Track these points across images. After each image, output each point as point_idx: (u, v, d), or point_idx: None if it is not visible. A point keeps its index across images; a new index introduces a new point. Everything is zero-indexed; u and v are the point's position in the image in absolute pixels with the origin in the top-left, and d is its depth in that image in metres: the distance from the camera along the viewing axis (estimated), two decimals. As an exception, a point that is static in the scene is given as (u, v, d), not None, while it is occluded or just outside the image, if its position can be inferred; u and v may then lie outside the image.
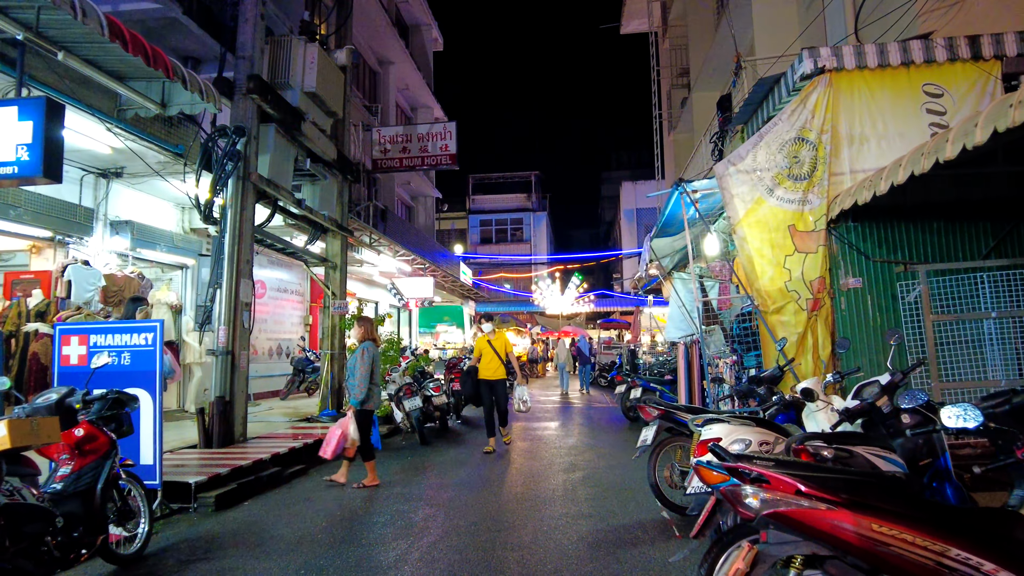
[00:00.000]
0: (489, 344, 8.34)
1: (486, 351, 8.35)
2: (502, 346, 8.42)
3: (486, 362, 8.31)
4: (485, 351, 8.36)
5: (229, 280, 7.76)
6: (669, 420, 4.95)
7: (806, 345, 5.84)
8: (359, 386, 6.19)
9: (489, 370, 8.28)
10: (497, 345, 8.36)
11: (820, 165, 5.98)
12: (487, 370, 8.28)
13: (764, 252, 5.99)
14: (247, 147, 7.98)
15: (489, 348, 8.32)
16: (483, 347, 8.41)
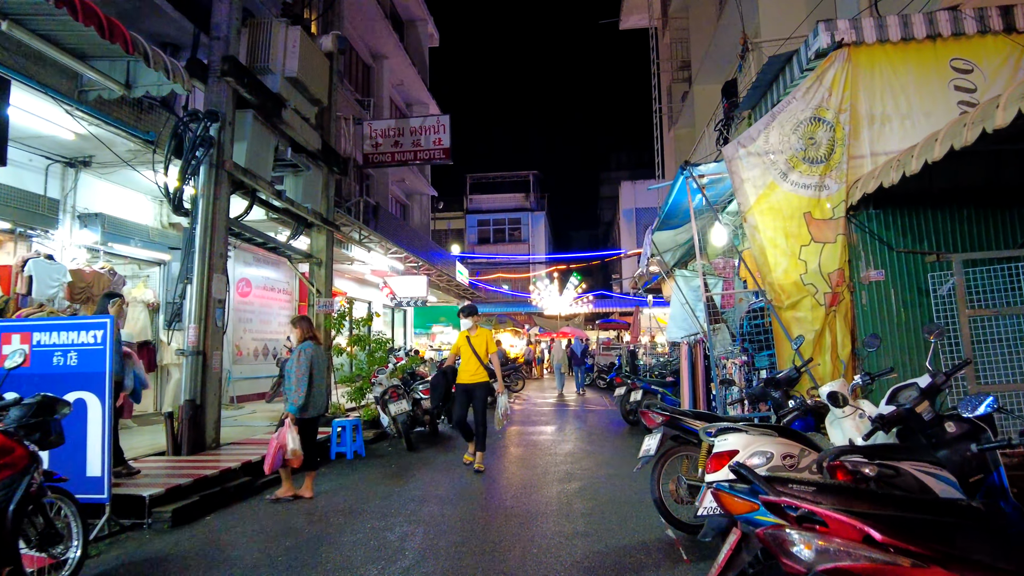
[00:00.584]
0: (468, 342, 7.09)
1: (464, 350, 7.13)
2: (483, 345, 7.07)
3: (463, 363, 7.14)
4: (463, 350, 7.16)
5: (201, 275, 7.24)
6: (675, 427, 4.43)
7: (824, 344, 5.33)
8: (296, 391, 5.61)
9: (466, 372, 7.08)
10: (477, 344, 7.05)
11: (838, 147, 5.47)
12: (463, 372, 7.11)
13: (778, 242, 5.48)
14: (221, 133, 7.47)
15: (468, 347, 7.07)
16: (461, 345, 7.19)
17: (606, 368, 19.40)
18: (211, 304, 7.33)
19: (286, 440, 5.46)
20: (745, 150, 5.59)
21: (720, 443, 3.24)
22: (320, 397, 5.94)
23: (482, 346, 7.06)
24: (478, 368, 7.03)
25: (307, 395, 5.67)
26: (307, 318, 6.20)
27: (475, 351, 7.01)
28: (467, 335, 7.16)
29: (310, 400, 5.74)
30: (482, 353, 7.03)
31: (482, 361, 7.01)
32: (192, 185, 7.29)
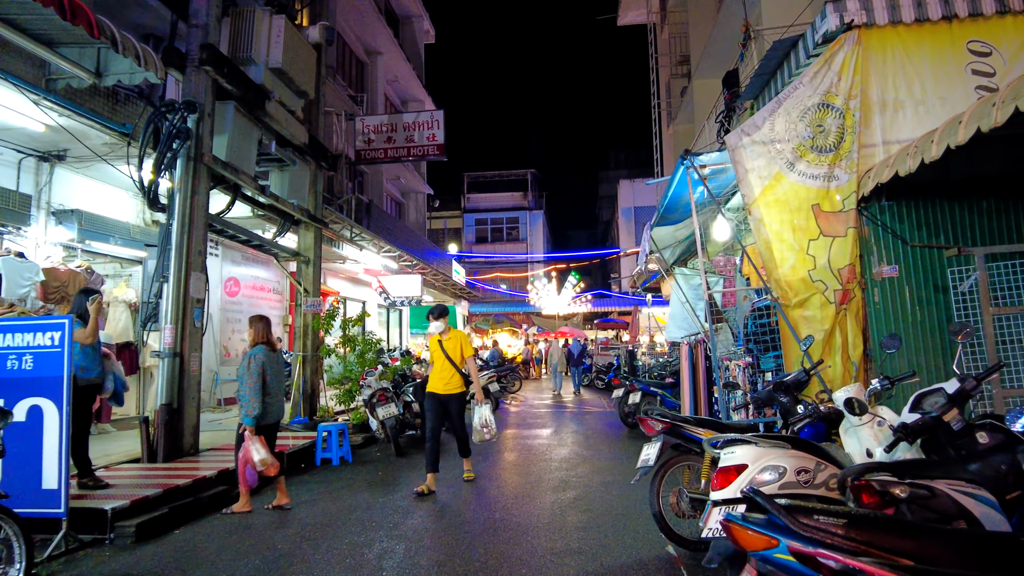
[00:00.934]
0: (440, 347, 6.30)
1: (436, 356, 6.35)
2: (457, 349, 6.27)
3: (435, 370, 6.34)
4: (435, 356, 6.37)
5: (178, 273, 6.90)
6: (676, 435, 4.10)
7: (833, 344, 5.00)
8: (250, 401, 5.21)
9: (439, 381, 6.25)
10: (451, 348, 6.25)
11: (848, 135, 5.15)
12: (436, 381, 6.27)
13: (784, 236, 5.15)
14: (200, 125, 7.13)
15: (440, 352, 6.28)
16: (433, 351, 6.43)
17: (604, 368, 19.07)
18: (189, 304, 6.99)
19: (250, 455, 5.08)
20: (749, 138, 5.26)
21: (727, 456, 2.91)
22: (276, 404, 5.56)
23: (456, 350, 6.27)
24: (452, 375, 6.24)
25: (262, 404, 5.29)
26: (265, 319, 5.77)
27: (448, 356, 6.22)
28: (438, 339, 6.35)
29: (266, 408, 5.37)
30: (457, 358, 6.24)
31: (457, 367, 6.23)
32: (168, 179, 6.96)
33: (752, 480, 2.78)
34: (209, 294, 11.70)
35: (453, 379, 6.26)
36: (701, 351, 7.70)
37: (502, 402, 14.35)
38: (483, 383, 13.38)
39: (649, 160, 22.24)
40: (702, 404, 7.55)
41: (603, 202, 49.21)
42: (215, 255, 12.23)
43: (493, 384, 13.35)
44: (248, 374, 5.25)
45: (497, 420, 11.85)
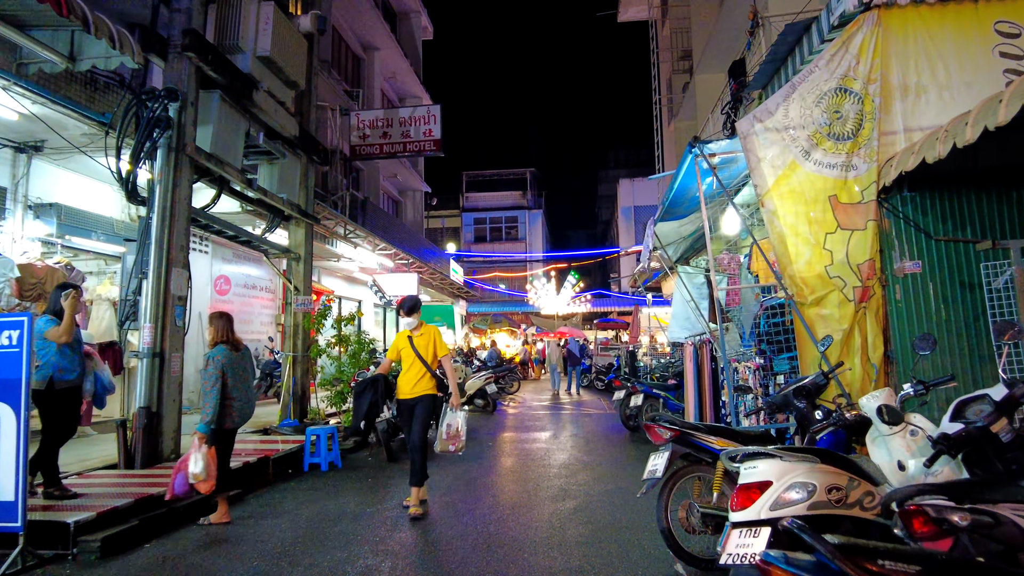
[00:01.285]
0: (410, 344, 5.47)
1: (405, 354, 5.51)
2: (429, 347, 5.48)
3: (404, 371, 5.52)
4: (404, 354, 5.53)
5: (158, 269, 6.57)
6: (686, 444, 3.78)
7: (852, 345, 4.67)
8: (205, 405, 4.88)
9: (407, 383, 5.45)
10: (421, 346, 5.46)
11: (867, 122, 4.82)
12: (404, 383, 5.49)
13: (799, 229, 4.82)
14: (182, 114, 6.80)
15: (410, 350, 5.46)
16: (402, 347, 5.55)
17: (604, 369, 18.74)
18: (170, 301, 6.66)
19: (188, 463, 4.69)
20: (762, 125, 4.94)
21: (748, 472, 2.58)
22: (244, 406, 5.20)
23: (428, 348, 5.48)
24: (422, 376, 5.43)
25: (222, 407, 4.95)
26: (226, 315, 5.40)
27: (419, 355, 5.44)
28: (408, 335, 5.56)
29: (228, 411, 5.04)
30: (429, 356, 5.45)
31: (428, 367, 5.44)
32: (148, 170, 6.62)
33: (778, 499, 2.45)
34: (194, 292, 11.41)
35: (422, 381, 5.44)
36: (707, 352, 7.37)
37: (500, 403, 14.03)
38: (479, 384, 13.12)
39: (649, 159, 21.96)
40: (708, 408, 7.22)
41: (602, 201, 48.89)
42: (204, 252, 11.90)
43: (490, 385, 13.04)
44: (206, 376, 4.92)
45: (495, 422, 11.58)
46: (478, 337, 29.33)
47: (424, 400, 5.44)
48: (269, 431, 8.83)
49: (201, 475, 4.64)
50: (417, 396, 5.43)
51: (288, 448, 7.52)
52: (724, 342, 5.07)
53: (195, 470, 4.63)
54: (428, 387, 5.47)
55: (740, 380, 5.46)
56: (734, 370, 6.01)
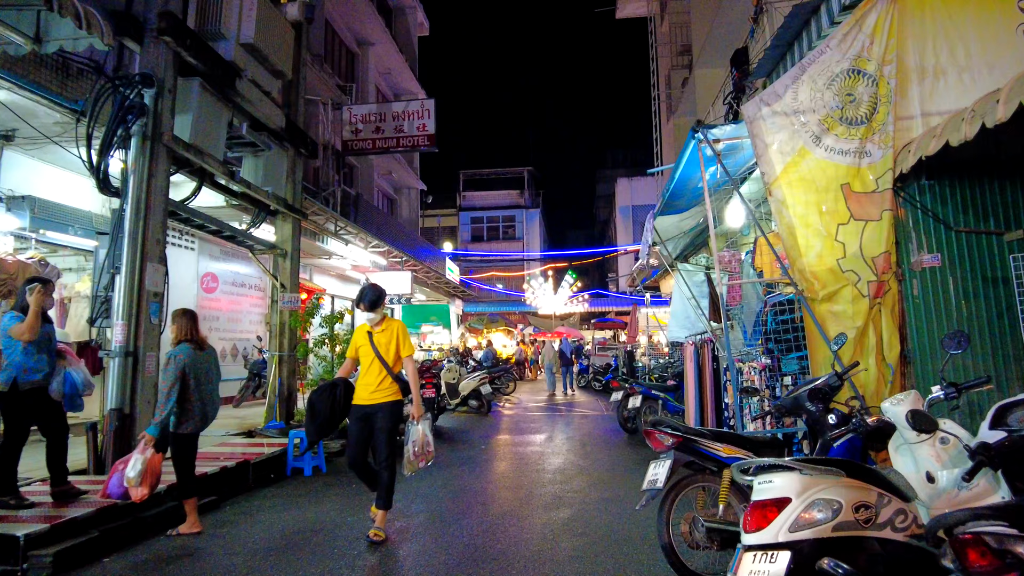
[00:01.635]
0: (370, 341, 4.69)
1: (364, 353, 4.74)
2: (391, 345, 4.68)
3: (361, 374, 4.75)
4: (362, 352, 4.75)
5: (131, 263, 6.23)
6: (689, 451, 3.46)
7: (866, 344, 4.36)
8: (160, 405, 4.58)
9: (364, 387, 4.64)
10: (382, 342, 4.67)
11: (882, 105, 4.51)
12: (361, 387, 4.67)
13: (810, 220, 4.51)
14: (159, 101, 6.46)
15: (368, 348, 4.69)
16: (360, 345, 4.78)
17: (602, 369, 18.42)
18: (144, 298, 6.32)
19: (127, 467, 4.41)
20: (769, 109, 4.62)
21: (764, 487, 2.26)
22: (206, 409, 4.89)
23: (390, 346, 4.67)
24: (383, 380, 4.62)
25: (180, 408, 4.67)
26: (190, 313, 5.12)
27: (379, 354, 4.62)
28: (368, 331, 4.76)
29: (188, 414, 4.73)
30: (390, 357, 4.65)
31: (390, 369, 4.63)
32: (122, 159, 6.29)
33: (798, 519, 2.14)
34: (180, 290, 11.08)
35: (383, 384, 4.63)
36: (708, 352, 7.06)
37: (495, 404, 13.70)
38: (474, 385, 12.77)
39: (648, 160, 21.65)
40: (709, 410, 6.91)
41: (601, 201, 48.60)
42: (191, 249, 11.57)
43: (485, 386, 12.71)
44: (164, 375, 4.63)
45: (489, 424, 11.25)
46: (474, 337, 29.00)
47: (386, 409, 4.60)
48: (254, 433, 8.51)
49: (135, 480, 4.34)
50: (377, 403, 4.59)
51: (271, 452, 7.19)
52: (729, 341, 4.75)
53: (131, 474, 4.35)
54: (390, 393, 4.64)
55: (746, 381, 5.14)
56: (738, 370, 5.70)
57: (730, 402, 5.91)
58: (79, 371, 5.35)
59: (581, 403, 14.88)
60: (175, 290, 11.05)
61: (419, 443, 4.72)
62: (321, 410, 4.55)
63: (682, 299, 9.99)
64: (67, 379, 5.21)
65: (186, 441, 4.77)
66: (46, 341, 4.99)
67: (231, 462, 6.40)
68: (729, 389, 5.87)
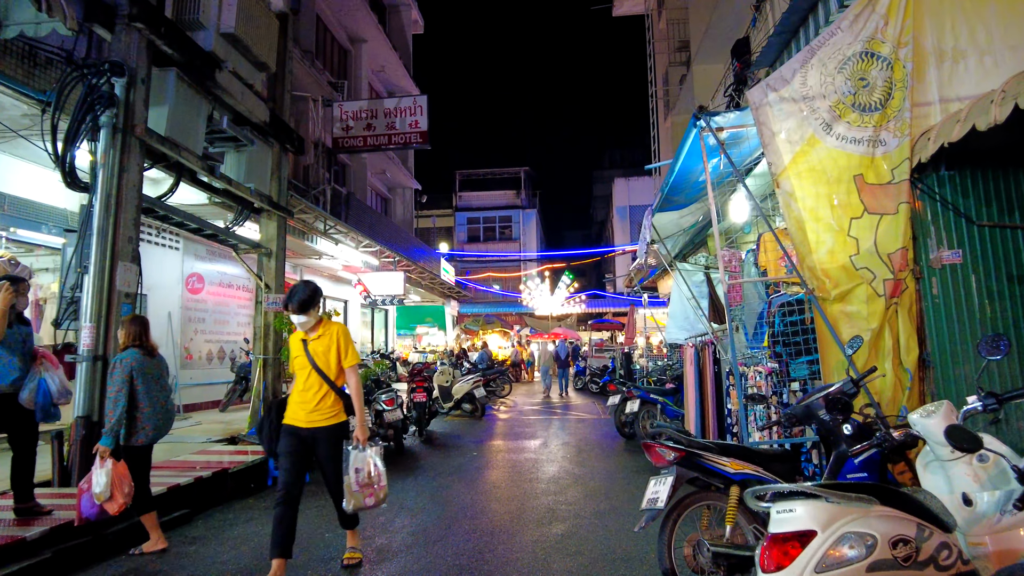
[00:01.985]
0: (304, 350, 3.95)
1: (299, 365, 4.01)
2: (329, 353, 3.94)
3: (296, 389, 4.01)
4: (297, 365, 4.03)
5: (100, 262, 5.88)
6: (693, 467, 3.14)
7: (882, 347, 4.05)
8: (109, 413, 4.29)
9: (300, 406, 3.91)
10: (319, 352, 3.92)
11: (897, 90, 4.20)
12: (295, 406, 3.94)
13: (820, 214, 4.20)
14: (131, 91, 6.12)
15: (304, 359, 3.94)
16: (294, 356, 4.06)
17: (599, 371, 18.10)
18: (115, 299, 5.97)
19: (91, 482, 4.12)
20: (776, 94, 4.31)
21: (783, 517, 1.94)
22: (159, 418, 4.58)
23: (329, 354, 3.93)
24: (322, 396, 3.89)
25: (130, 418, 4.38)
26: (141, 319, 4.80)
27: (317, 366, 3.89)
28: (302, 338, 4.00)
29: (138, 425, 4.43)
30: (331, 368, 3.92)
31: (332, 383, 3.91)
32: (91, 152, 5.96)
33: (826, 556, 1.82)
34: (164, 290, 10.73)
35: (324, 403, 3.89)
36: (709, 354, 6.74)
37: (489, 408, 13.37)
38: (467, 388, 12.43)
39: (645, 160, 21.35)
40: (710, 416, 6.60)
41: (597, 202, 48.33)
42: (175, 249, 11.24)
43: (479, 389, 12.39)
44: (111, 382, 4.34)
45: (482, 428, 10.91)
46: (471, 339, 28.67)
47: (329, 433, 3.91)
48: (237, 440, 8.17)
49: (104, 494, 4.05)
50: (317, 427, 3.87)
51: (251, 460, 6.86)
52: (733, 344, 4.43)
53: (97, 489, 4.06)
54: (332, 414, 3.91)
55: (752, 387, 4.82)
56: (742, 375, 5.38)
57: (733, 408, 5.59)
58: (55, 377, 4.94)
59: (577, 406, 14.56)
60: (159, 291, 10.76)
61: (364, 471, 3.94)
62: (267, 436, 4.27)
63: (681, 299, 9.68)
64: (40, 386, 4.83)
65: (138, 454, 4.45)
66: (18, 343, 4.67)
67: (207, 472, 6.06)
68: (732, 394, 5.56)
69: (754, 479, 3.15)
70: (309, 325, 3.95)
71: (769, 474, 3.15)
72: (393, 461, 7.78)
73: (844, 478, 3.24)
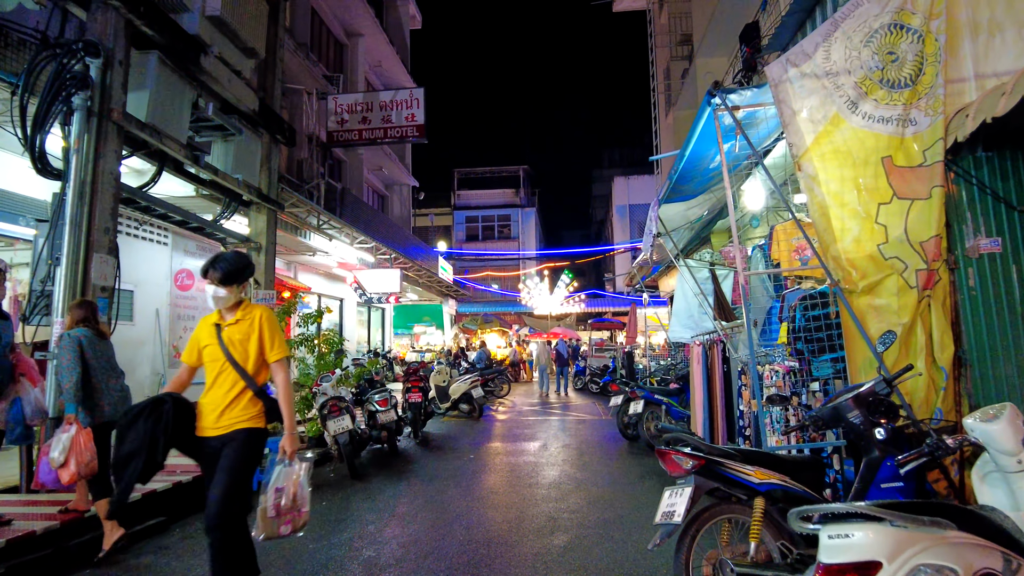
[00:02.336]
0: (217, 337, 3.20)
1: (209, 355, 3.22)
2: (248, 343, 3.20)
3: (207, 387, 3.21)
4: (208, 356, 3.22)
5: (74, 254, 5.55)
6: (713, 476, 2.80)
7: (913, 343, 3.71)
8: (66, 386, 4.14)
9: (211, 409, 3.15)
10: (236, 340, 3.19)
11: (929, 65, 3.87)
12: (207, 410, 3.17)
13: (846, 199, 3.87)
14: (107, 73, 5.79)
15: (217, 348, 3.18)
16: (204, 344, 3.25)
17: (599, 371, 17.76)
18: (89, 292, 5.63)
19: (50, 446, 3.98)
20: (797, 70, 3.98)
21: (837, 544, 1.61)
22: (114, 395, 4.44)
23: (249, 345, 3.19)
24: (236, 397, 3.13)
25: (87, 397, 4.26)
26: (87, 303, 4.68)
27: (232, 359, 3.14)
28: (216, 322, 3.26)
29: (93, 402, 4.30)
30: (250, 361, 3.17)
31: (250, 380, 3.15)
32: (56, 131, 5.62)
33: (894, 594, 1.48)
34: (152, 287, 10.36)
35: (238, 405, 3.12)
36: (717, 353, 6.41)
37: (487, 408, 13.03)
38: (465, 388, 12.08)
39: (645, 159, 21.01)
40: (719, 417, 6.27)
41: (597, 201, 48.01)
42: (163, 244, 10.87)
43: (477, 389, 12.04)
44: (62, 352, 4.22)
45: (480, 430, 10.57)
46: (470, 338, 28.33)
47: (239, 440, 3.08)
48: (223, 442, 7.81)
49: (58, 460, 3.87)
50: (225, 432, 3.08)
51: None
52: (752, 342, 4.09)
53: (54, 454, 3.89)
54: (247, 416, 3.12)
55: (768, 387, 4.47)
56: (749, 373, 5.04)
57: (745, 410, 5.26)
58: (32, 399, 4.50)
59: (577, 406, 14.22)
60: (146, 286, 10.40)
61: (287, 491, 3.09)
62: (135, 448, 2.94)
63: (686, 297, 9.36)
64: (14, 407, 4.40)
65: (95, 434, 4.17)
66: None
67: (187, 476, 5.73)
68: (744, 395, 5.23)
69: (781, 490, 2.82)
70: (228, 303, 3.23)
71: (798, 484, 2.82)
72: (386, 464, 7.44)
73: (878, 488, 2.91)
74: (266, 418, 3.19)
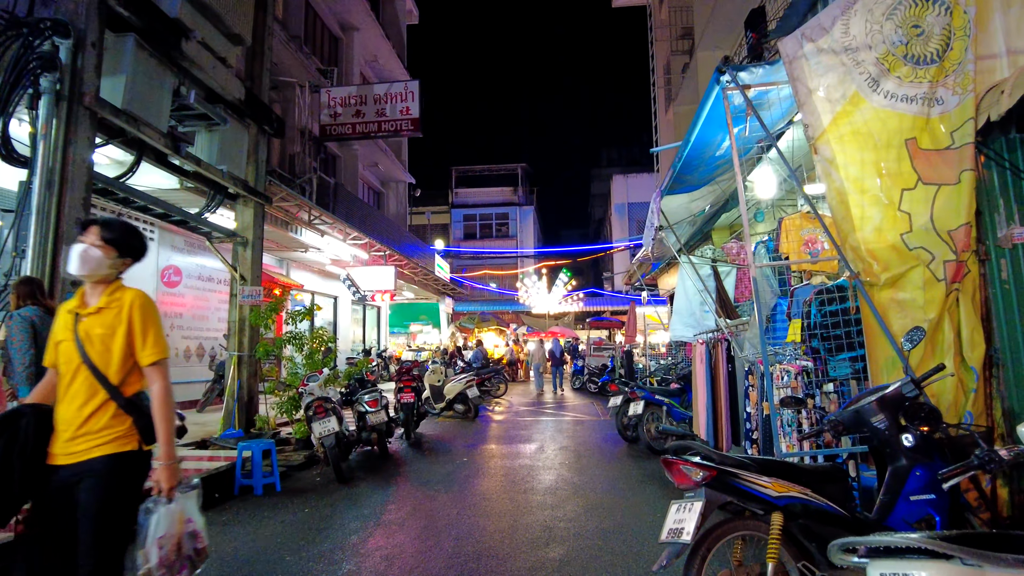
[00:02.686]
0: (72, 332, 2.36)
1: (64, 353, 2.38)
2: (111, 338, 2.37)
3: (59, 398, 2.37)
4: (63, 354, 2.39)
5: (41, 246, 5.23)
6: (726, 488, 2.50)
7: (941, 341, 3.42)
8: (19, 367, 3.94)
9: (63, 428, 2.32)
10: (95, 335, 2.36)
11: (957, 40, 3.57)
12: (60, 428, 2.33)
13: (866, 185, 3.57)
14: (79, 55, 5.47)
15: (72, 346, 2.36)
16: (60, 339, 2.40)
17: (597, 370, 17.45)
18: (58, 286, 5.31)
19: None
20: (813, 45, 3.68)
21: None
22: None
23: (113, 342, 2.39)
24: (95, 412, 2.33)
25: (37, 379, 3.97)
26: (30, 279, 4.51)
27: (88, 360, 2.35)
28: (74, 309, 2.44)
29: None
30: (112, 365, 2.38)
31: (113, 389, 2.36)
32: (31, 122, 5.31)
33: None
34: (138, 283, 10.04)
35: (97, 421, 2.33)
36: (722, 352, 6.11)
37: (483, 408, 12.72)
38: (460, 388, 11.77)
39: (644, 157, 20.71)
40: (723, 419, 5.97)
41: (595, 200, 47.71)
42: (150, 239, 10.57)
43: (472, 389, 11.74)
44: (14, 333, 3.99)
45: (474, 430, 10.25)
46: (467, 337, 28.03)
47: (97, 472, 2.29)
48: (208, 443, 7.51)
49: None
50: (82, 460, 2.30)
51: (217, 466, 6.23)
52: (763, 340, 3.78)
53: None
54: (109, 437, 2.33)
55: (781, 388, 4.16)
56: (758, 374, 4.74)
57: (752, 412, 4.96)
58: None
59: (575, 406, 13.91)
60: (130, 283, 10.08)
61: (171, 538, 2.33)
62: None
63: (687, 295, 9.07)
64: None
65: None
66: None
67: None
68: (752, 396, 4.92)
69: (801, 504, 2.52)
70: (96, 276, 2.42)
71: (820, 498, 2.52)
72: (375, 467, 7.13)
73: (906, 500, 2.62)
74: (142, 436, 2.36)
